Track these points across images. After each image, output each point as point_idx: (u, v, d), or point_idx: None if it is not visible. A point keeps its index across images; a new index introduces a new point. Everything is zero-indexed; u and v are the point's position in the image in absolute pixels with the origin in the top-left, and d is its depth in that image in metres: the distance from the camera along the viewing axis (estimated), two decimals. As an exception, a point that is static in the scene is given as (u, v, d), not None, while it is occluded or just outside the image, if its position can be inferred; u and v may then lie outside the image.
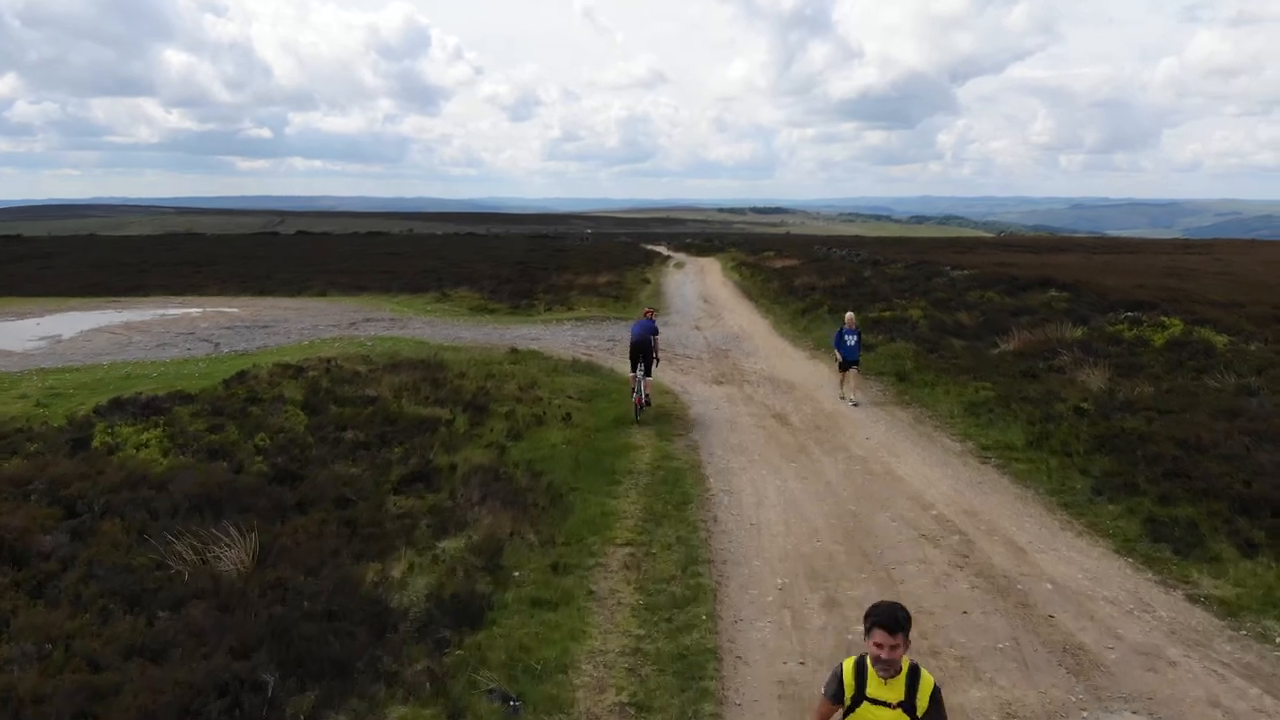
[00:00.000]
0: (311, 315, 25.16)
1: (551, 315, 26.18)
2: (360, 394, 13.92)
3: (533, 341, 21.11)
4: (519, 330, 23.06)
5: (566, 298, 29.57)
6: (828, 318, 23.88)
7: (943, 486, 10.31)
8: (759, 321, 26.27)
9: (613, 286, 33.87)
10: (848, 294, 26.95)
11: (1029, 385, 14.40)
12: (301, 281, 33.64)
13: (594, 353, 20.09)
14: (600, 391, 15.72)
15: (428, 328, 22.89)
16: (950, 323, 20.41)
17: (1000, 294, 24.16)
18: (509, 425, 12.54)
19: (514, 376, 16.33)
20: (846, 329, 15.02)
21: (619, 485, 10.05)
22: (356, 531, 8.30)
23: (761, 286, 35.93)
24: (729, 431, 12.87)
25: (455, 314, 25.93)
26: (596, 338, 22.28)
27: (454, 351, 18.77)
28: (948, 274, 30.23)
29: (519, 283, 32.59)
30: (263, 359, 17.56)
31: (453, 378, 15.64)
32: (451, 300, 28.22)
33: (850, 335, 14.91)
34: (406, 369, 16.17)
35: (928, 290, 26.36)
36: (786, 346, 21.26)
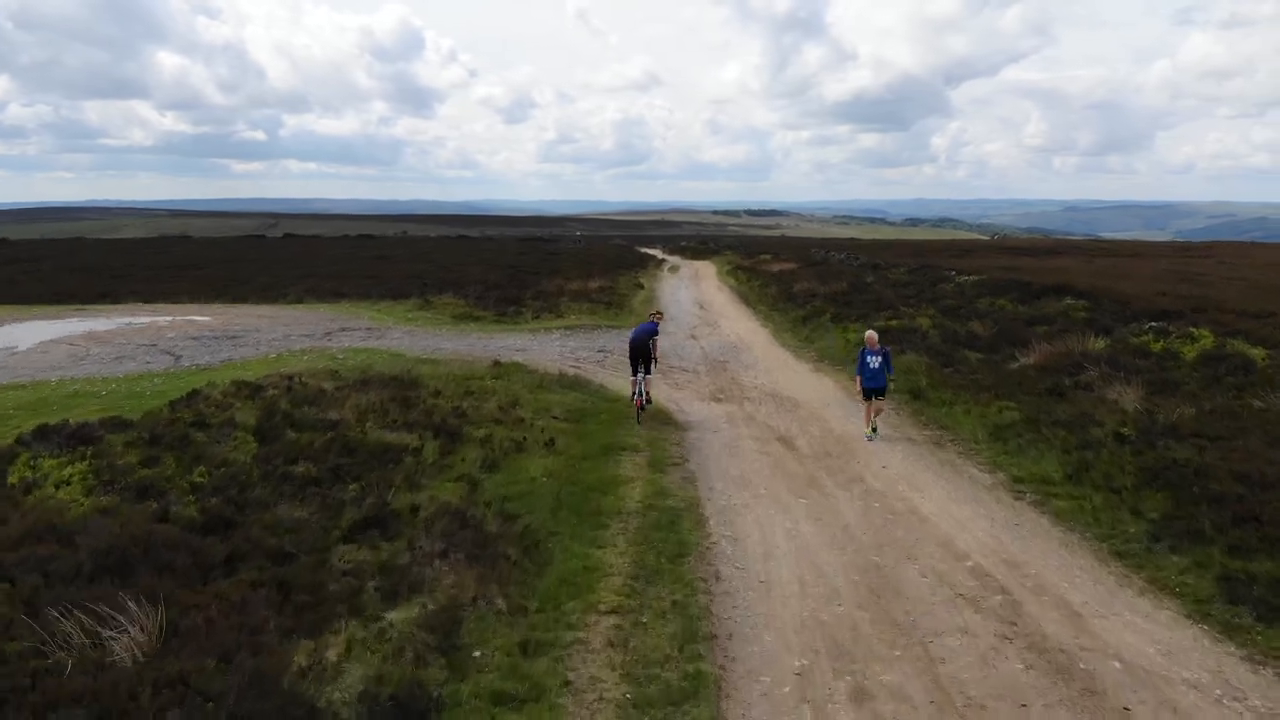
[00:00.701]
0: (285, 324, 23.79)
1: (539, 324, 24.86)
2: (321, 417, 12.58)
3: (518, 353, 19.78)
4: (504, 340, 21.73)
5: (556, 305, 28.26)
6: (830, 326, 22.64)
7: (976, 529, 9.02)
8: (758, 330, 24.99)
9: (605, 292, 32.58)
10: (850, 301, 25.70)
11: (1057, 405, 13.13)
12: (280, 288, 32.26)
13: (583, 365, 18.78)
14: (589, 411, 14.41)
15: (407, 338, 21.55)
16: (963, 333, 19.15)
17: (1012, 302, 22.93)
18: (484, 454, 11.21)
19: (495, 394, 15.01)
20: (869, 350, 12.86)
21: (605, 530, 8.73)
22: (290, 597, 6.96)
23: (759, 292, 34.67)
24: (730, 459, 11.56)
25: (438, 322, 24.59)
26: (586, 348, 20.97)
27: (432, 365, 17.44)
28: (953, 279, 29.02)
29: (507, 288, 31.25)
30: (222, 375, 16.21)
31: (427, 396, 14.31)
32: (434, 308, 26.86)
33: (873, 357, 12.75)
34: (377, 386, 14.83)
35: (935, 297, 25.12)
36: (788, 358, 19.98)
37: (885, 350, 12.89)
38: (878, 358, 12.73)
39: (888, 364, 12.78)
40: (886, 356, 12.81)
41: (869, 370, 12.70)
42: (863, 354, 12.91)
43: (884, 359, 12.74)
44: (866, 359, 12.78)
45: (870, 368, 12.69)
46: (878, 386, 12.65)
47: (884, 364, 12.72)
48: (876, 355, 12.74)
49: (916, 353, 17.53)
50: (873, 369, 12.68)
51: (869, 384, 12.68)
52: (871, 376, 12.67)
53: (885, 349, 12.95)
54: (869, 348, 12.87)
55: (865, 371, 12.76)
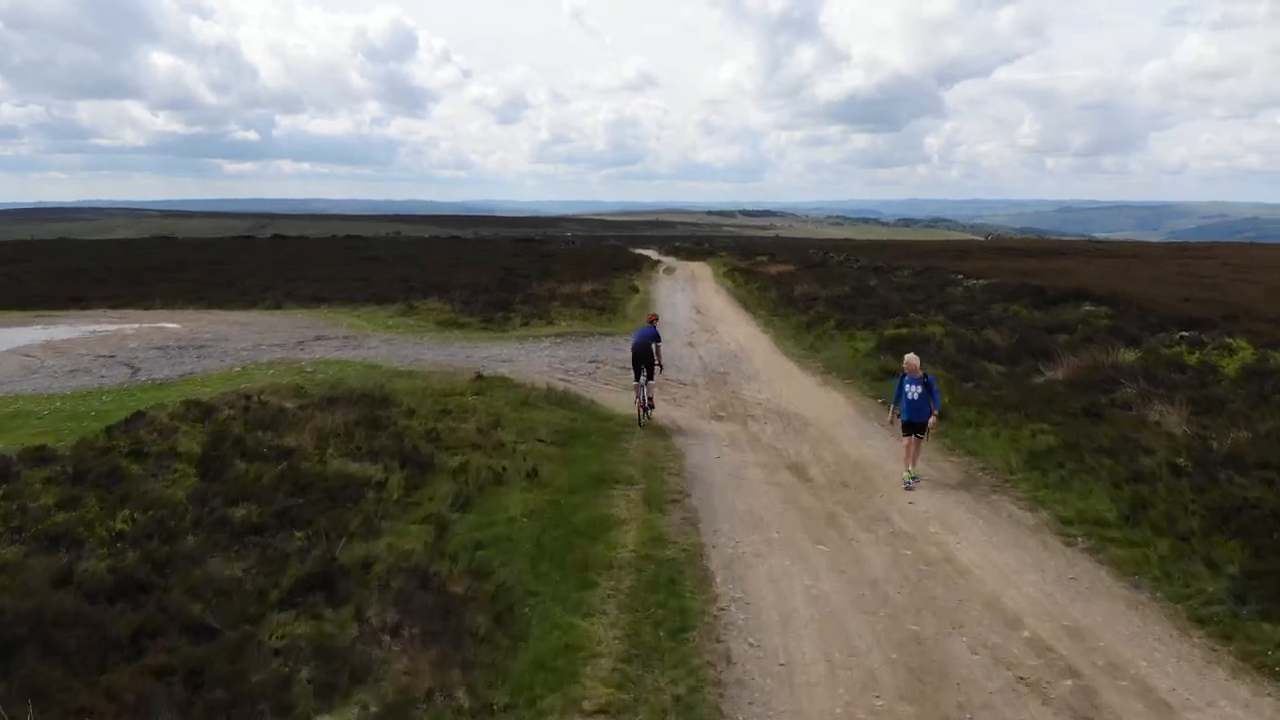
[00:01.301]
0: (258, 332, 22.41)
1: (528, 331, 23.51)
2: (277, 443, 11.23)
3: (503, 364, 18.44)
4: (490, 350, 20.39)
5: (547, 310, 26.91)
6: (835, 334, 21.36)
7: (1026, 584, 7.72)
8: (758, 337, 23.69)
9: (598, 296, 31.25)
10: (854, 306, 24.43)
11: (1096, 428, 11.85)
12: (259, 292, 30.85)
13: (574, 378, 17.45)
14: (579, 431, 13.09)
15: (385, 347, 20.19)
16: (980, 343, 17.88)
17: (1027, 308, 21.68)
18: (457, 487, 9.87)
19: (474, 412, 13.68)
20: (909, 377, 10.75)
21: (594, 590, 7.41)
22: (202, 692, 5.64)
23: (758, 296, 33.39)
24: (735, 492, 10.25)
25: (420, 330, 23.22)
26: (577, 359, 19.64)
27: (408, 379, 16.09)
28: (961, 283, 27.78)
29: (495, 292, 29.89)
30: (178, 391, 14.86)
31: (398, 416, 12.97)
32: (418, 313, 25.49)
33: (914, 386, 10.66)
34: (344, 405, 13.49)
35: (944, 302, 23.86)
36: (792, 369, 18.68)
37: (929, 379, 10.83)
38: (918, 387, 10.66)
39: (931, 394, 10.66)
40: (930, 385, 10.72)
41: (909, 402, 10.68)
42: (901, 381, 10.88)
43: (927, 388, 10.66)
44: (905, 388, 10.74)
45: (910, 398, 10.68)
46: (919, 421, 10.62)
47: (926, 394, 10.63)
48: (917, 384, 10.69)
49: (931, 365, 16.23)
50: (913, 400, 10.65)
51: (909, 417, 10.67)
52: (913, 409, 10.64)
53: (929, 377, 10.88)
54: (909, 374, 10.79)
55: (904, 403, 10.76)
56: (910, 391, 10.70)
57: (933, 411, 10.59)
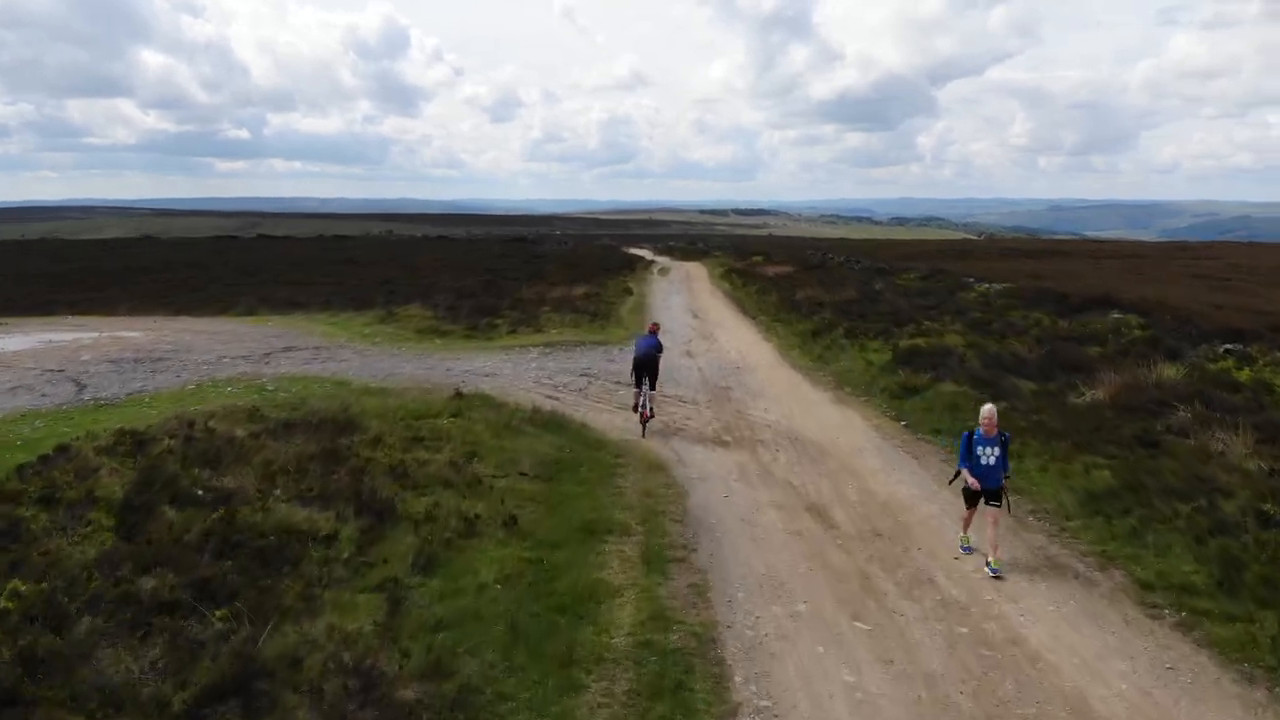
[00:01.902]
0: (223, 342, 20.82)
1: (515, 339, 21.97)
2: (216, 484, 9.70)
3: (486, 379, 16.92)
4: (472, 361, 18.85)
5: (535, 316, 25.38)
6: (846, 344, 19.90)
7: (1114, 677, 6.25)
8: (761, 346, 22.22)
9: (590, 300, 29.76)
10: (863, 313, 22.98)
11: (1157, 462, 10.40)
12: (232, 296, 29.25)
13: (563, 395, 15.94)
14: (566, 463, 11.58)
15: (358, 359, 18.63)
16: (1006, 356, 16.43)
17: (1050, 316, 20.25)
18: (420, 542, 8.34)
19: (449, 439, 12.16)
20: (983, 436, 8.50)
21: (580, 694, 5.90)
22: None
23: (757, 299, 31.94)
24: (749, 544, 8.75)
25: (398, 339, 21.65)
26: (567, 371, 18.12)
27: (379, 397, 14.56)
28: (974, 287, 26.35)
29: (482, 297, 28.34)
30: (118, 415, 13.30)
31: (361, 446, 11.44)
32: (398, 321, 23.91)
33: (988, 447, 8.47)
34: (302, 432, 11.95)
35: (959, 309, 22.41)
36: (801, 383, 17.20)
37: (1006, 436, 8.66)
38: (994, 448, 8.45)
39: (1005, 457, 8.57)
40: (1005, 445, 8.59)
41: (981, 466, 8.46)
42: (970, 440, 8.56)
43: (1002, 448, 8.50)
44: (978, 447, 8.49)
45: (982, 461, 8.45)
46: (995, 488, 8.42)
47: (1003, 456, 8.50)
48: (993, 444, 8.47)
49: (956, 381, 14.80)
50: (987, 463, 8.44)
51: (986, 482, 8.44)
52: (987, 473, 8.43)
53: (1005, 435, 8.69)
54: (982, 431, 8.50)
55: (976, 465, 8.51)
56: (985, 454, 8.44)
57: (1005, 476, 8.55)
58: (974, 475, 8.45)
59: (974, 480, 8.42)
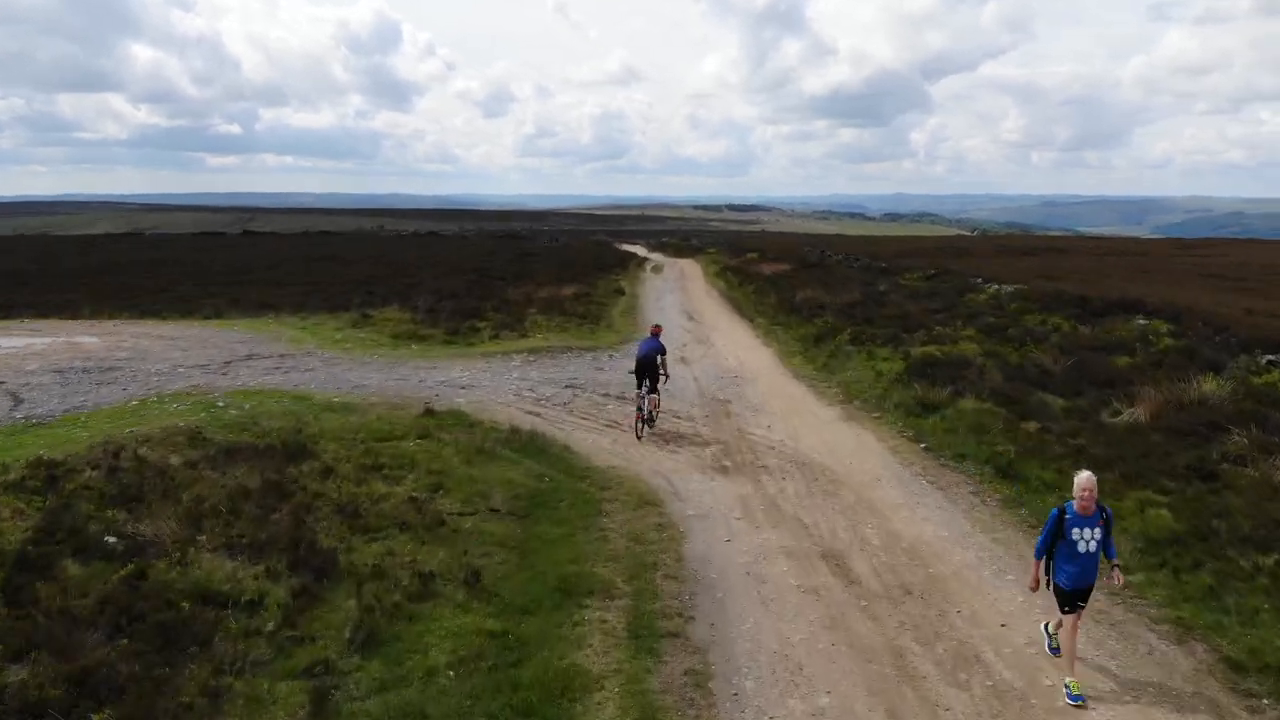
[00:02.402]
0: (182, 349, 19.33)
1: (498, 345, 20.52)
2: (132, 530, 8.29)
3: (462, 391, 15.50)
4: (449, 371, 17.42)
5: (521, 318, 23.94)
6: (852, 351, 18.53)
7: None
8: (760, 352, 20.85)
9: (580, 300, 28.34)
10: (869, 316, 21.61)
11: (1221, 498, 9.07)
12: (202, 298, 27.70)
13: (545, 410, 14.54)
14: (545, 496, 10.20)
15: (325, 369, 17.17)
16: (1029, 368, 15.07)
17: (1070, 321, 18.90)
18: (362, 610, 6.94)
19: (413, 467, 10.78)
20: (1076, 515, 6.20)
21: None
22: None
23: (755, 300, 30.57)
24: (759, 609, 7.36)
25: (372, 345, 20.18)
26: (551, 382, 16.72)
27: (341, 415, 13.15)
28: (984, 289, 25.01)
29: (465, 298, 26.85)
30: (46, 437, 11.83)
31: (310, 478, 10.04)
32: (373, 324, 22.42)
33: (1086, 529, 6.18)
34: (246, 460, 10.54)
35: (971, 313, 21.04)
36: (806, 396, 15.83)
37: (1108, 513, 6.32)
38: (1094, 530, 6.15)
39: (1110, 540, 6.30)
40: (1109, 526, 6.29)
41: (1077, 555, 6.15)
42: (1062, 519, 6.18)
43: (1106, 531, 6.22)
44: (1072, 529, 6.15)
45: (1081, 549, 6.14)
46: (1087, 586, 6.28)
47: (1104, 540, 6.22)
48: (1092, 525, 6.15)
49: (977, 396, 13.44)
50: (1085, 551, 6.15)
51: (1078, 583, 6.20)
52: (1086, 568, 6.18)
53: (1108, 511, 6.36)
54: (1077, 508, 6.16)
55: (1069, 557, 6.17)
56: (1083, 538, 6.11)
57: (1114, 564, 6.32)
58: (1064, 569, 6.12)
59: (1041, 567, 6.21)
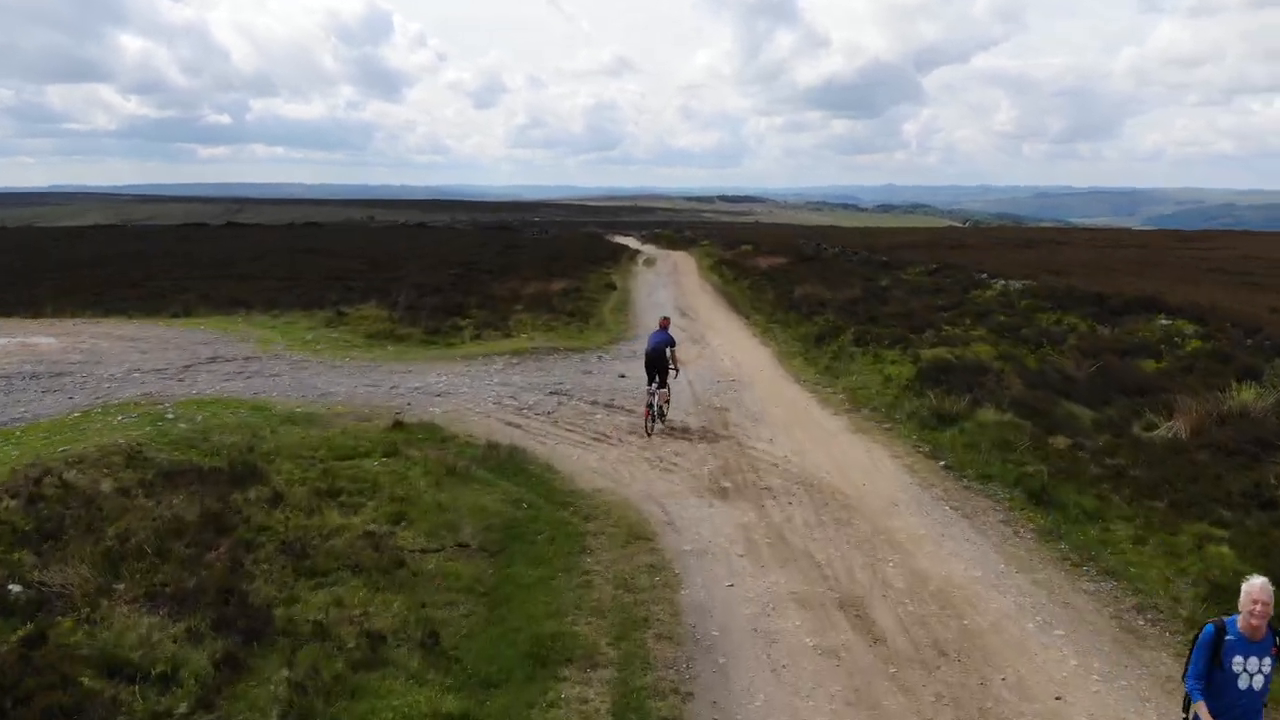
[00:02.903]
0: (142, 351, 18.08)
1: (480, 346, 19.32)
2: (42, 575, 7.12)
3: (438, 400, 14.33)
4: (425, 375, 16.22)
5: (506, 316, 22.76)
6: (856, 353, 17.43)
7: None
8: (758, 352, 19.73)
9: (569, 297, 27.16)
10: (873, 315, 20.50)
11: (1289, 531, 8.00)
12: (171, 294, 26.38)
13: (527, 420, 13.38)
14: (523, 528, 9.05)
15: (291, 373, 15.96)
16: (1051, 374, 13.98)
17: (1088, 320, 17.83)
18: (292, 691, 5.78)
19: (375, 491, 9.62)
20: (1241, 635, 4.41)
21: None
22: None
23: (751, 296, 29.44)
24: (769, 680, 6.21)
25: (345, 346, 18.95)
26: (536, 388, 15.55)
27: (302, 427, 11.97)
28: (991, 285, 23.93)
29: (449, 293, 25.63)
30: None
31: (257, 507, 8.86)
32: (348, 323, 21.19)
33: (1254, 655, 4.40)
34: (189, 484, 9.36)
35: (980, 311, 19.95)
36: (809, 404, 14.71)
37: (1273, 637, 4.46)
38: (1265, 660, 4.44)
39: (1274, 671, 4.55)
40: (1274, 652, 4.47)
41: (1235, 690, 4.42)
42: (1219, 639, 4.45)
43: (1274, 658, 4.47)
44: (1231, 659, 4.42)
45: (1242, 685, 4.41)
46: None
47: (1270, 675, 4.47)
48: (1262, 652, 4.43)
49: (997, 406, 12.35)
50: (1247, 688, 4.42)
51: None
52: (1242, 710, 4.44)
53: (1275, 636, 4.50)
54: (1242, 629, 4.42)
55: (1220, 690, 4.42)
56: (1246, 670, 4.40)
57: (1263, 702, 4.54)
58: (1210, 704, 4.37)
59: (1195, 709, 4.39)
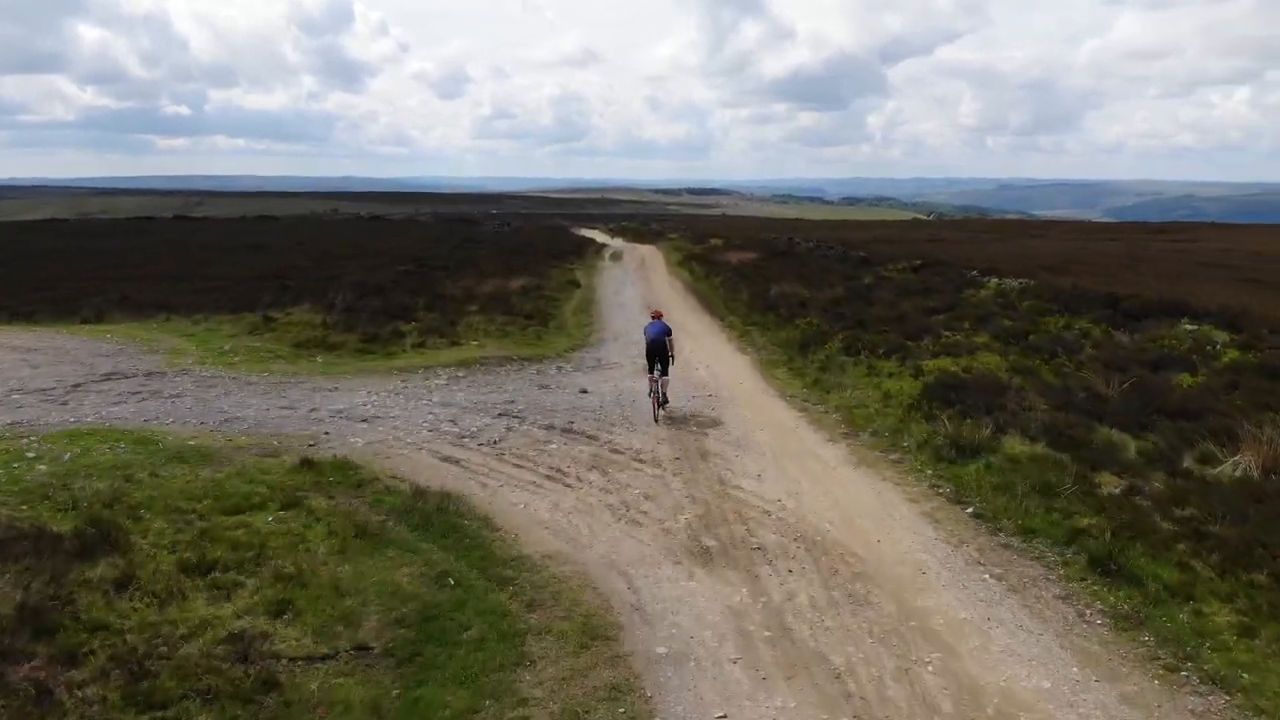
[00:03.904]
0: (34, 365, 15.57)
1: (421, 357, 17.05)
2: None
3: (362, 427, 12.10)
4: (353, 394, 13.96)
5: (457, 319, 20.51)
6: (846, 362, 15.49)
7: None
8: (736, 360, 17.73)
9: (528, 296, 24.98)
10: (861, 318, 18.57)
11: None
12: (88, 295, 23.75)
13: (468, 454, 11.20)
14: (445, 619, 6.90)
15: (195, 393, 13.60)
16: (1076, 392, 12.12)
17: (1103, 325, 16.05)
18: None
19: (260, 562, 7.44)
20: None
21: None
22: None
23: (724, 294, 27.45)
24: None
25: (265, 357, 16.57)
26: (482, 408, 13.36)
27: (190, 467, 9.71)
28: (984, 283, 22.15)
29: (393, 293, 23.25)
30: None
31: (96, 592, 6.66)
32: (275, 329, 18.80)
33: None
34: (20, 554, 7.11)
35: (980, 314, 18.09)
36: (799, 425, 12.71)
37: None
38: None
39: None
40: None
41: None
42: None
43: None
44: None
45: None
46: None
47: None
48: None
49: (1024, 434, 10.46)
50: None
51: None
52: None
53: None
54: None
55: None
56: None
57: None
58: None
59: None
